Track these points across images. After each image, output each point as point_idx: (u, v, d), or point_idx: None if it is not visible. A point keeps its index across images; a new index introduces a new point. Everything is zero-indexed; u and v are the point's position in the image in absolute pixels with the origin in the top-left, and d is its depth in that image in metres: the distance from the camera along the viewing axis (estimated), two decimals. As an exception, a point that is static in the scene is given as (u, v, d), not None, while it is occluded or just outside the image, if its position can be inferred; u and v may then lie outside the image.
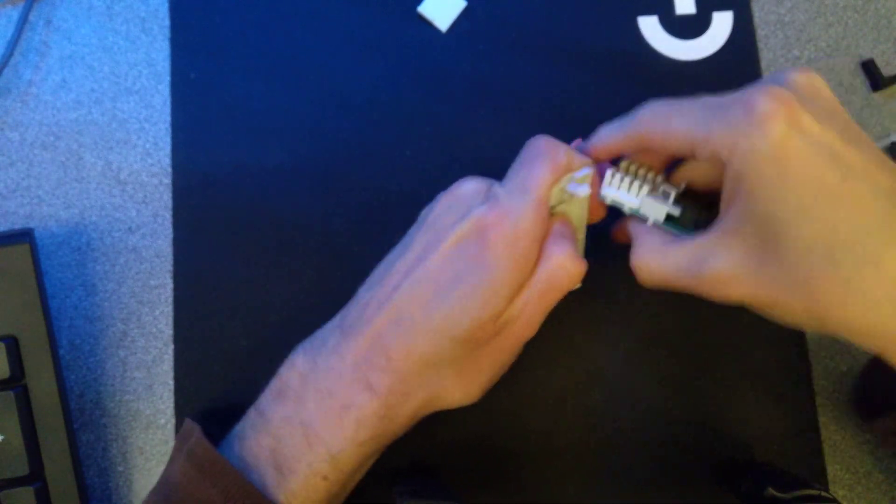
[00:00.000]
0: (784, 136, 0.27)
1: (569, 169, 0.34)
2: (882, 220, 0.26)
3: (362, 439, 0.32)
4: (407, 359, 0.32)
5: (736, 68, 0.45)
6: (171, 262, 0.42)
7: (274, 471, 0.32)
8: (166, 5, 0.44)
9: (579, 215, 0.35)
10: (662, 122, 0.31)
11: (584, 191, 0.34)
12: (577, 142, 0.43)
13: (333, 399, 0.32)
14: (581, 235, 0.36)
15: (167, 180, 0.43)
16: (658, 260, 0.32)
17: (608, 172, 0.34)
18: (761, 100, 0.27)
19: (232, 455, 0.33)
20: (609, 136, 0.34)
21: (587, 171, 0.34)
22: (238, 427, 0.34)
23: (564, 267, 0.32)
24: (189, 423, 0.34)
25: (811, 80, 0.30)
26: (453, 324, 0.31)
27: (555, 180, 0.33)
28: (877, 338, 0.27)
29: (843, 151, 0.27)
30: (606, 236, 0.42)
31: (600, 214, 0.36)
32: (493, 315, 0.32)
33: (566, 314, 0.42)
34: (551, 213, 0.34)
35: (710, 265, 0.29)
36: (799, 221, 0.27)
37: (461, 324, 0.31)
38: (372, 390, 0.32)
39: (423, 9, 0.44)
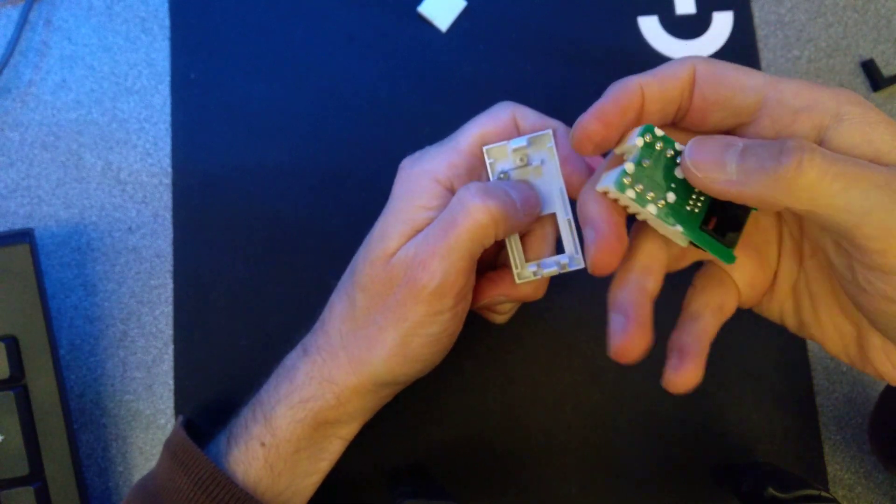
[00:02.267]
0: None
1: (514, 128, 0.32)
2: None
3: (293, 402, 0.32)
4: (331, 316, 0.33)
5: (736, 68, 0.44)
6: (171, 262, 0.42)
7: (226, 440, 0.33)
8: (166, 5, 0.44)
9: (552, 185, 0.32)
10: (728, 71, 0.26)
11: (518, 142, 0.32)
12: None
13: (283, 369, 0.34)
14: (561, 212, 0.32)
15: (167, 180, 0.43)
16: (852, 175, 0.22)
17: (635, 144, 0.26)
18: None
19: (213, 443, 0.34)
20: (639, 81, 0.27)
21: (542, 133, 0.32)
22: None
23: (461, 200, 0.30)
24: (178, 418, 0.36)
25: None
26: (355, 267, 0.32)
27: (484, 133, 0.32)
28: None
29: None
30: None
31: (578, 188, 0.32)
32: (383, 254, 0.31)
33: (566, 314, 0.42)
34: (505, 176, 0.32)
35: None
36: None
37: (358, 265, 0.32)
38: (306, 352, 0.33)
39: (423, 9, 0.44)
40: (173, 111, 0.43)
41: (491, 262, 0.36)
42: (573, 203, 0.32)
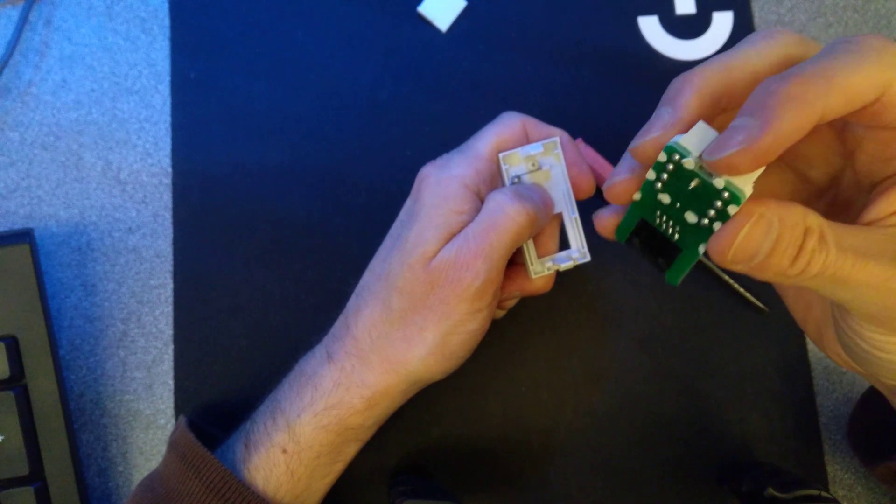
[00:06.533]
0: None
1: (524, 135, 0.34)
2: None
3: (318, 409, 0.32)
4: (358, 321, 0.33)
5: (736, 68, 0.44)
6: (171, 262, 0.42)
7: (243, 447, 0.33)
8: (166, 5, 0.44)
9: (559, 187, 0.34)
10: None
11: (534, 148, 0.34)
12: (579, 142, 0.43)
13: (303, 376, 0.34)
14: (567, 211, 0.34)
15: (167, 180, 0.43)
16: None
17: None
18: None
19: (226, 447, 0.34)
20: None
21: (552, 140, 0.34)
22: None
23: (499, 204, 0.31)
24: (180, 418, 0.36)
25: None
26: (388, 271, 0.33)
27: (499, 141, 0.34)
28: None
29: None
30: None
31: (585, 189, 0.34)
32: (422, 257, 0.31)
33: (566, 315, 0.42)
34: (518, 181, 0.34)
35: None
36: None
37: (393, 269, 0.32)
38: (330, 358, 0.33)
39: (423, 9, 0.44)
40: (173, 111, 0.43)
41: None
42: (578, 203, 0.35)
